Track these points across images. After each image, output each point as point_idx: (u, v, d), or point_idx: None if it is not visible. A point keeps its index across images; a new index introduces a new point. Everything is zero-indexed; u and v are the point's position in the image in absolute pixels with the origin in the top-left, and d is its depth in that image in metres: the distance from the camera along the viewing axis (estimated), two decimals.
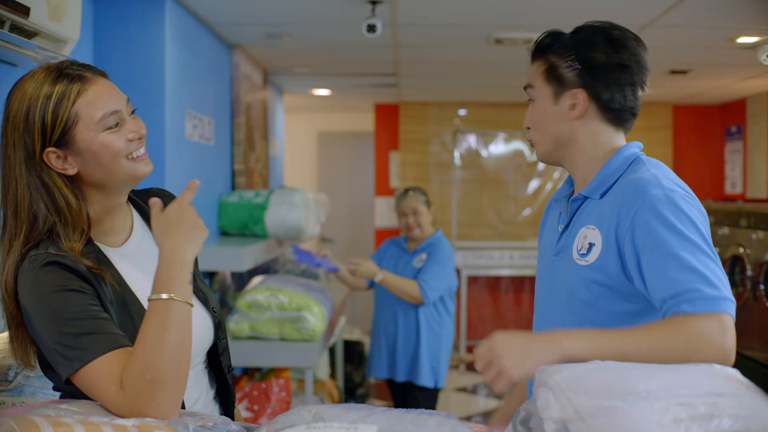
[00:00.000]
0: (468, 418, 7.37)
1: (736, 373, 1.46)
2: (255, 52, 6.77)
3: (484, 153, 10.41)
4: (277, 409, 4.92)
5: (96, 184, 2.00)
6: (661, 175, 2.17)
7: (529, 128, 2.39)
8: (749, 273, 7.98)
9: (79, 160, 1.96)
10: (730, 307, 1.92)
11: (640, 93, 2.37)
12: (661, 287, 1.96)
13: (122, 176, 2.01)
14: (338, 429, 1.42)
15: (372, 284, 5.63)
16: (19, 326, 1.92)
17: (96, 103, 1.95)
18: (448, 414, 1.57)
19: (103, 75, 2.03)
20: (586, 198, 2.28)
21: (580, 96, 2.26)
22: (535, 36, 2.54)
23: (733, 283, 8.40)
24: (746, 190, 9.65)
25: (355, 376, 7.59)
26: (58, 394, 2.83)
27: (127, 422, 1.57)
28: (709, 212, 8.88)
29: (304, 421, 1.47)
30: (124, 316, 1.91)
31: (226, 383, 2.24)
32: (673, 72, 7.73)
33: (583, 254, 2.20)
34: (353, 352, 7.67)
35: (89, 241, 1.98)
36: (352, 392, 7.51)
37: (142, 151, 2.05)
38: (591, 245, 2.18)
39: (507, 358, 1.81)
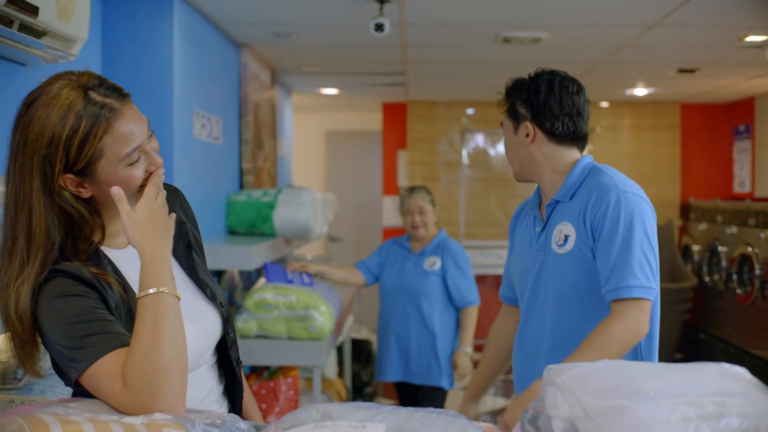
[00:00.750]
0: (476, 418, 7.37)
1: (744, 372, 1.46)
2: (263, 51, 6.78)
3: (491, 152, 10.41)
4: (285, 408, 4.93)
5: (106, 203, 2.00)
6: (619, 180, 2.84)
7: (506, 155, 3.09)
8: (757, 272, 7.96)
9: (95, 187, 1.95)
10: (651, 293, 2.72)
11: (580, 120, 2.98)
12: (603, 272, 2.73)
13: (133, 197, 1.99)
14: (346, 427, 1.42)
15: (375, 281, 5.65)
16: (25, 344, 1.90)
17: (121, 140, 1.92)
18: (456, 413, 1.57)
19: (127, 98, 1.98)
20: (558, 202, 2.92)
21: (530, 126, 2.95)
22: (543, 35, 3.59)
23: (741, 282, 8.39)
24: (755, 189, 9.63)
25: (362, 374, 7.59)
26: (67, 392, 2.84)
27: (136, 420, 1.57)
28: (717, 211, 8.90)
29: (312, 419, 1.47)
30: (130, 321, 1.91)
31: (235, 378, 2.24)
32: (681, 71, 7.72)
33: (560, 245, 2.85)
34: (361, 351, 7.67)
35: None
36: (360, 391, 7.51)
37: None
38: (567, 237, 2.83)
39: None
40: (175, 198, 2.35)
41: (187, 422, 1.63)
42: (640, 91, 9.38)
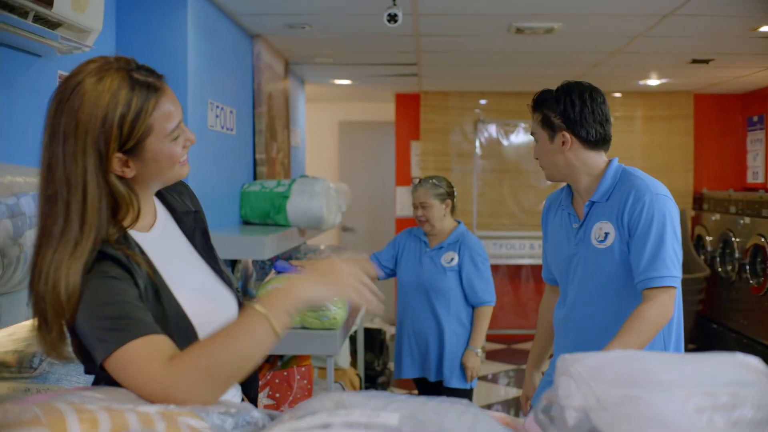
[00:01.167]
0: (488, 407, 7.38)
1: (758, 363, 1.47)
2: (276, 42, 6.78)
3: (504, 142, 10.40)
4: (298, 397, 4.94)
5: (143, 182, 2.05)
6: (651, 184, 3.22)
7: (537, 158, 3.44)
8: None
9: (139, 165, 2.00)
10: (678, 282, 3.10)
11: (609, 126, 3.36)
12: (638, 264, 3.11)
13: (169, 178, 2.09)
14: (360, 416, 1.43)
15: (388, 276, 5.48)
16: (61, 327, 1.91)
17: (167, 117, 2.00)
18: (469, 402, 1.58)
19: (162, 78, 2.06)
20: (594, 202, 3.28)
21: (566, 135, 3.29)
22: (555, 25, 3.83)
23: (755, 273, 8.37)
24: None
25: (375, 364, 7.60)
26: (83, 381, 2.86)
27: (151, 409, 1.58)
28: (731, 202, 8.88)
29: (325, 408, 1.48)
30: (156, 303, 1.93)
31: None
32: (695, 61, 7.70)
33: (600, 240, 3.22)
34: (374, 341, 7.68)
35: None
36: (373, 380, 7.52)
37: (186, 155, 2.11)
38: (606, 234, 3.21)
39: None
40: (184, 190, 2.38)
41: (201, 411, 1.64)
42: (653, 82, 9.35)
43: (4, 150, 3.25)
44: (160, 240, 2.03)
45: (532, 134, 3.46)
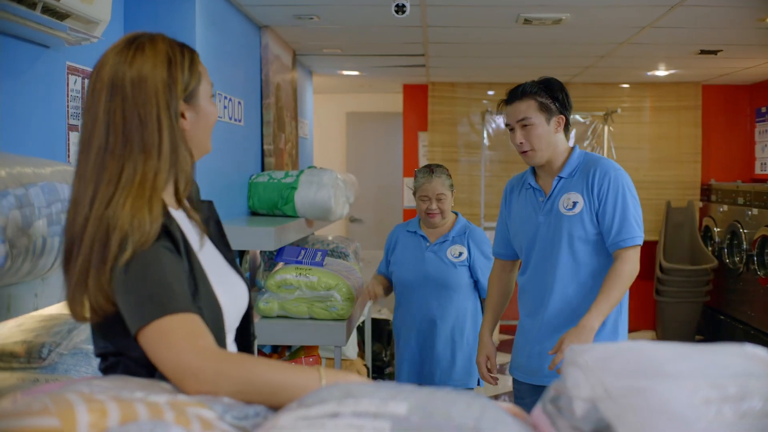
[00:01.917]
0: (496, 397, 7.38)
1: (766, 354, 1.47)
2: (284, 32, 6.78)
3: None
4: None
5: (194, 141, 2.11)
6: (609, 162, 3.81)
7: (523, 147, 3.82)
8: None
9: (193, 118, 2.07)
10: (642, 240, 3.67)
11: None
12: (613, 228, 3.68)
13: (205, 147, 2.16)
14: (369, 405, 1.43)
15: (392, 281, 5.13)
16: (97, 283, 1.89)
17: (206, 73, 2.14)
18: (477, 392, 1.58)
19: None
20: (561, 178, 3.80)
21: (561, 118, 3.82)
22: (563, 16, 4.67)
23: (762, 264, 8.36)
24: None
25: (383, 354, 7.61)
26: (90, 371, 2.87)
27: (160, 399, 1.58)
28: (738, 193, 8.86)
29: (334, 397, 1.48)
30: (189, 278, 1.93)
31: (251, 352, 2.27)
32: (703, 52, 7.68)
33: (569, 209, 3.74)
34: (381, 331, 7.68)
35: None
36: (381, 371, 7.53)
37: None
38: (575, 203, 3.73)
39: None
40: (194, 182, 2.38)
41: (209, 400, 1.65)
42: (661, 73, 9.33)
43: (12, 140, 3.26)
44: (184, 221, 2.05)
45: (519, 122, 3.84)
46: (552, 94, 3.81)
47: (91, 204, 1.89)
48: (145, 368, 1.86)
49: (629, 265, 3.63)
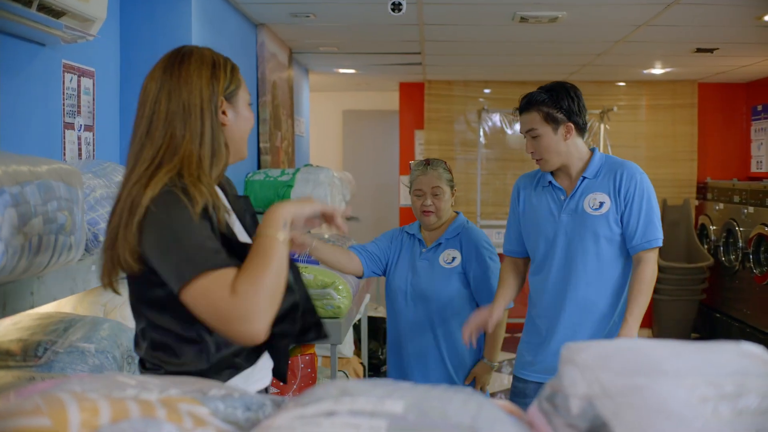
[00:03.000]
0: (492, 395, 7.39)
1: (763, 352, 1.47)
2: (280, 31, 6.78)
3: (508, 131, 10.40)
4: (302, 385, 4.95)
5: (231, 138, 2.33)
6: (634, 165, 3.84)
7: (534, 156, 3.84)
8: None
9: (232, 117, 2.31)
10: (661, 241, 3.73)
11: (587, 115, 3.91)
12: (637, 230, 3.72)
13: (240, 152, 2.39)
14: (365, 404, 1.43)
15: (374, 274, 4.49)
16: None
17: (244, 83, 2.38)
18: (473, 390, 1.58)
19: None
20: (585, 178, 3.79)
21: (569, 126, 3.77)
22: (560, 14, 4.49)
23: (758, 263, 8.37)
24: None
25: (379, 352, 7.60)
26: (86, 370, 2.87)
27: (152, 396, 1.58)
28: (734, 191, 8.87)
29: (330, 396, 1.48)
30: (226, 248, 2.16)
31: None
32: (699, 50, 7.68)
33: (595, 209, 3.75)
34: (378, 329, 7.68)
35: None
36: (377, 369, 7.53)
37: None
38: (601, 203, 3.75)
39: None
40: (229, 179, 2.60)
41: (201, 395, 1.64)
42: (658, 71, 9.34)
43: (8, 138, 3.25)
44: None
45: (527, 132, 3.84)
46: (557, 104, 3.77)
47: (126, 184, 2.16)
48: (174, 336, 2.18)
49: (652, 267, 3.69)
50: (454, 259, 4.26)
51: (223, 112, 2.27)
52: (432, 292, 4.24)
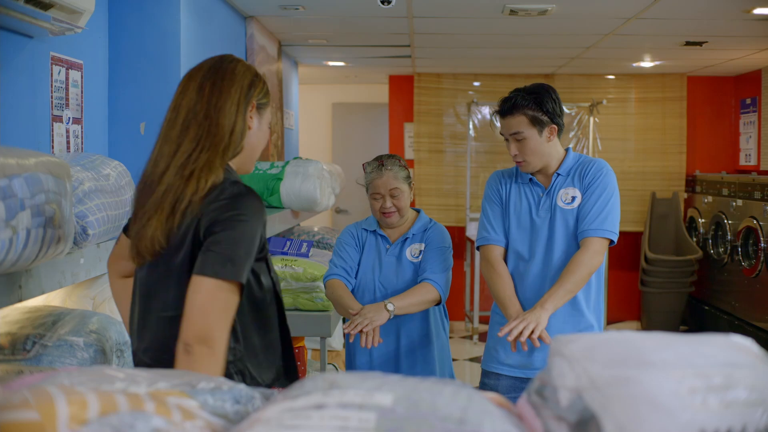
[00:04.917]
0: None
1: (751, 345, 1.47)
2: (269, 23, 6.76)
3: (498, 124, 10.39)
4: None
5: (248, 148, 2.54)
6: (603, 161, 3.90)
7: (517, 159, 3.89)
8: (762, 245, 7.97)
9: (256, 124, 2.54)
10: (614, 237, 3.74)
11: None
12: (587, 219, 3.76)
13: (246, 164, 2.58)
14: (354, 396, 1.43)
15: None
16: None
17: (273, 105, 2.45)
18: (463, 383, 1.58)
19: None
20: (559, 174, 3.88)
21: (553, 128, 3.86)
22: (549, 7, 4.45)
23: (747, 255, 8.40)
24: (761, 162, 9.61)
25: None
26: (75, 363, 2.86)
27: (140, 390, 1.57)
28: (723, 184, 8.89)
29: (319, 388, 1.48)
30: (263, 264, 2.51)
31: None
32: (689, 43, 7.69)
33: (568, 203, 3.83)
34: None
35: None
36: None
37: None
38: (573, 197, 3.83)
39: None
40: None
41: (189, 388, 1.64)
42: (647, 64, 9.35)
43: None
44: None
45: (512, 135, 3.91)
46: (542, 106, 3.83)
47: (173, 156, 2.36)
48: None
49: (593, 256, 3.66)
50: (420, 252, 4.14)
51: (251, 117, 2.49)
52: (400, 286, 4.09)
